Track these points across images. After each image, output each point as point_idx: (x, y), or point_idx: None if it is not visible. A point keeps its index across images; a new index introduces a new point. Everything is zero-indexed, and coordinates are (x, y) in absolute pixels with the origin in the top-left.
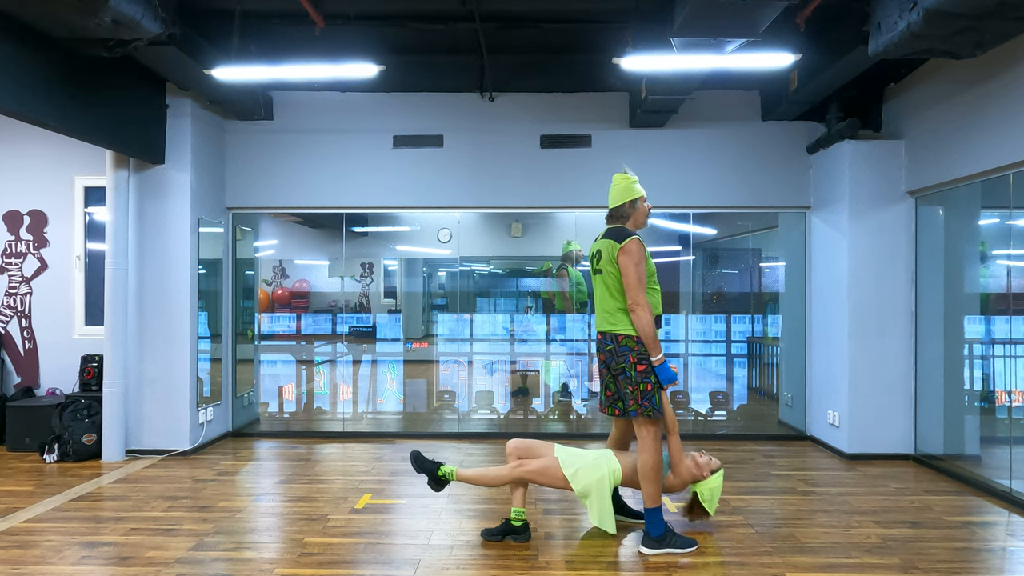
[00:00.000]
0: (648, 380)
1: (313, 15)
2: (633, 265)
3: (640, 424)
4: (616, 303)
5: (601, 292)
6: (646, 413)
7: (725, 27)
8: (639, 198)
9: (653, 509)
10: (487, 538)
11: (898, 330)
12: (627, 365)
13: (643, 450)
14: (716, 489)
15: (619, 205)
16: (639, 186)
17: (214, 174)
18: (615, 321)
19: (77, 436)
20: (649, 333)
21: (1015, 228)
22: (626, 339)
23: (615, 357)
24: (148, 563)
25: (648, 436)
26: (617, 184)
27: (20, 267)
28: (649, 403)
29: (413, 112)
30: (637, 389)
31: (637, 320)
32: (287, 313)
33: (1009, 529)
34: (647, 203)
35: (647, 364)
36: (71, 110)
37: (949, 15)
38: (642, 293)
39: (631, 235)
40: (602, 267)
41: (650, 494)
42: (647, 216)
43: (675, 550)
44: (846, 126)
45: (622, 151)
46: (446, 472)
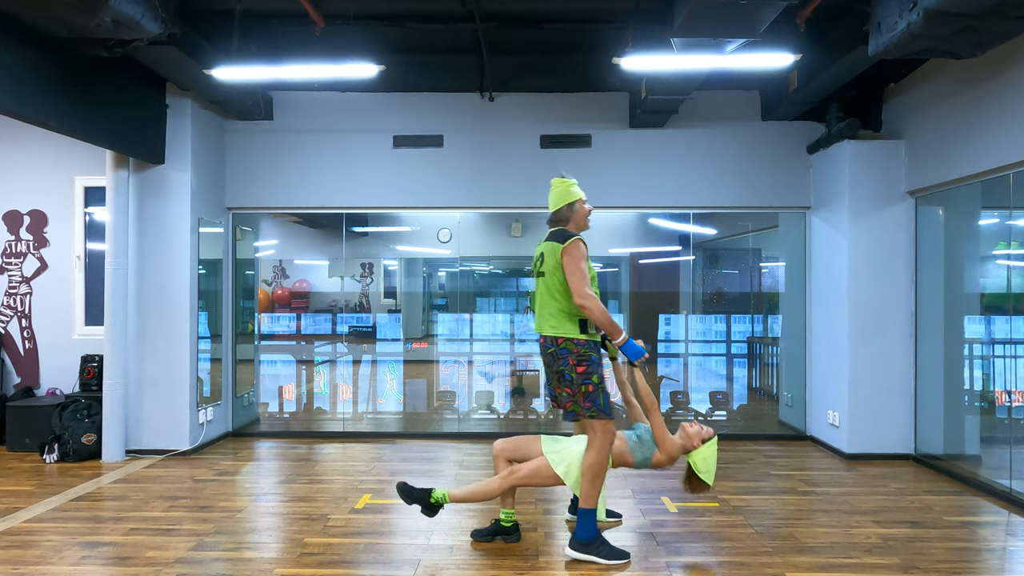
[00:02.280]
0: (589, 381)
1: (313, 15)
2: (576, 262)
3: (588, 424)
4: (558, 305)
5: (543, 295)
6: (589, 414)
7: (725, 27)
8: (577, 200)
9: (587, 511)
10: (477, 539)
11: (898, 330)
12: (567, 368)
13: (590, 447)
14: (710, 458)
15: (558, 208)
16: (577, 188)
17: (214, 174)
18: (556, 324)
19: (77, 436)
20: (604, 318)
21: (1015, 228)
22: (566, 342)
23: (556, 360)
24: (148, 563)
25: (596, 435)
26: (555, 188)
27: (20, 267)
28: (593, 404)
29: (413, 112)
30: (578, 391)
31: (589, 312)
32: (287, 313)
33: (1009, 529)
34: (587, 205)
35: (587, 366)
36: (71, 110)
37: (949, 15)
38: (586, 285)
39: (573, 236)
40: (545, 270)
41: (587, 494)
42: (587, 217)
43: (600, 560)
44: (846, 126)
45: (622, 151)
46: (438, 497)
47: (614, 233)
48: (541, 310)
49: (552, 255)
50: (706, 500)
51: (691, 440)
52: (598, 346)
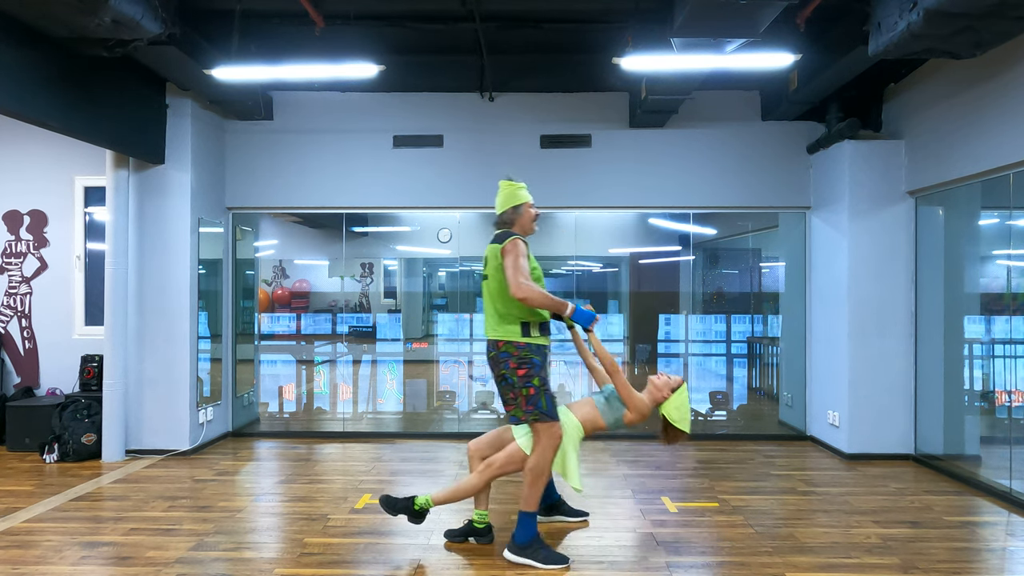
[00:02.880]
0: (530, 384)
1: (313, 15)
2: (512, 258)
3: (532, 427)
4: (499, 308)
5: (487, 298)
6: (532, 417)
7: (725, 27)
8: (523, 204)
9: (527, 513)
10: (450, 539)
11: (898, 330)
12: (508, 371)
13: (533, 450)
14: (683, 406)
15: (503, 211)
16: (525, 192)
17: (214, 174)
18: (497, 327)
19: (77, 436)
20: (545, 300)
21: (1015, 228)
22: (506, 345)
23: (497, 364)
24: (148, 563)
25: (540, 438)
26: (502, 190)
27: (20, 267)
28: (535, 407)
29: (413, 112)
30: (520, 395)
31: (528, 300)
32: (287, 313)
33: (1009, 529)
34: (533, 208)
35: (528, 368)
36: (71, 110)
37: (949, 15)
38: (520, 275)
39: (513, 236)
40: (488, 272)
41: (527, 497)
42: (533, 221)
43: (538, 564)
44: (846, 126)
45: (622, 151)
46: (421, 503)
47: (614, 233)
48: (486, 313)
49: (494, 257)
50: (706, 500)
51: (660, 392)
52: (541, 349)
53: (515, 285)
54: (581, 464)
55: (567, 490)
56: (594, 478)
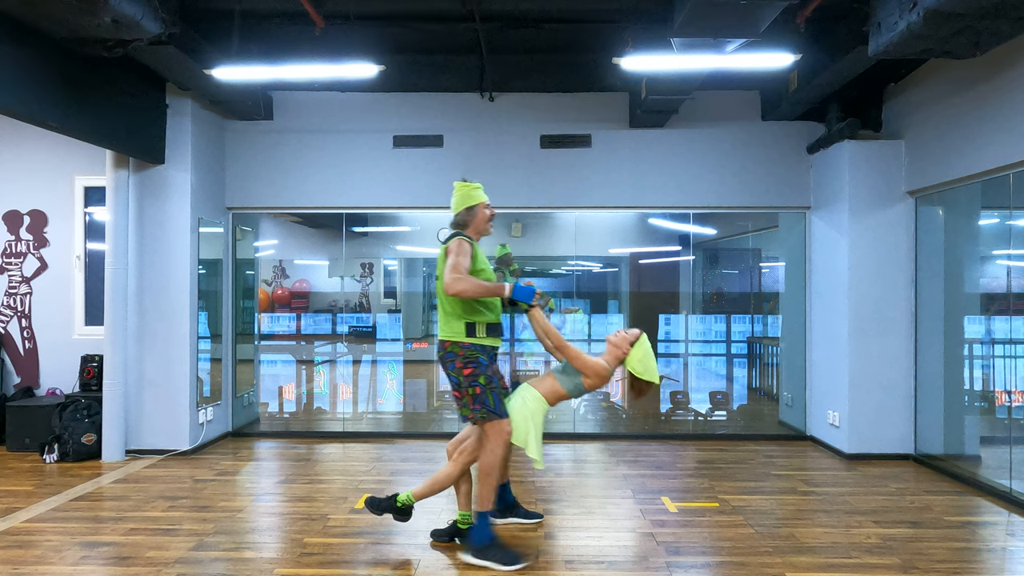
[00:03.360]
0: (476, 383)
1: (313, 15)
2: (451, 257)
3: (481, 426)
4: (447, 309)
5: (438, 299)
6: (480, 416)
7: (725, 27)
8: (476, 204)
9: (482, 514)
10: (436, 539)
11: (898, 330)
12: (453, 370)
13: (482, 450)
14: (645, 357)
15: (457, 212)
16: (480, 193)
17: (214, 174)
18: (444, 327)
19: (77, 436)
20: (480, 289)
21: (1015, 228)
22: (452, 345)
23: (444, 365)
24: (148, 563)
25: (488, 437)
26: (456, 191)
27: (20, 267)
28: (482, 406)
29: (413, 112)
30: (466, 394)
31: (463, 293)
32: (287, 313)
33: (1009, 529)
34: (488, 208)
35: (473, 368)
36: (71, 110)
37: (949, 15)
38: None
39: (456, 235)
40: (438, 273)
41: (480, 495)
42: (488, 221)
43: (497, 566)
44: (846, 126)
45: (622, 151)
46: (403, 500)
47: (614, 233)
48: (439, 313)
49: (441, 258)
50: (706, 500)
51: (619, 348)
52: (487, 349)
53: (446, 283)
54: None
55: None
56: (594, 478)
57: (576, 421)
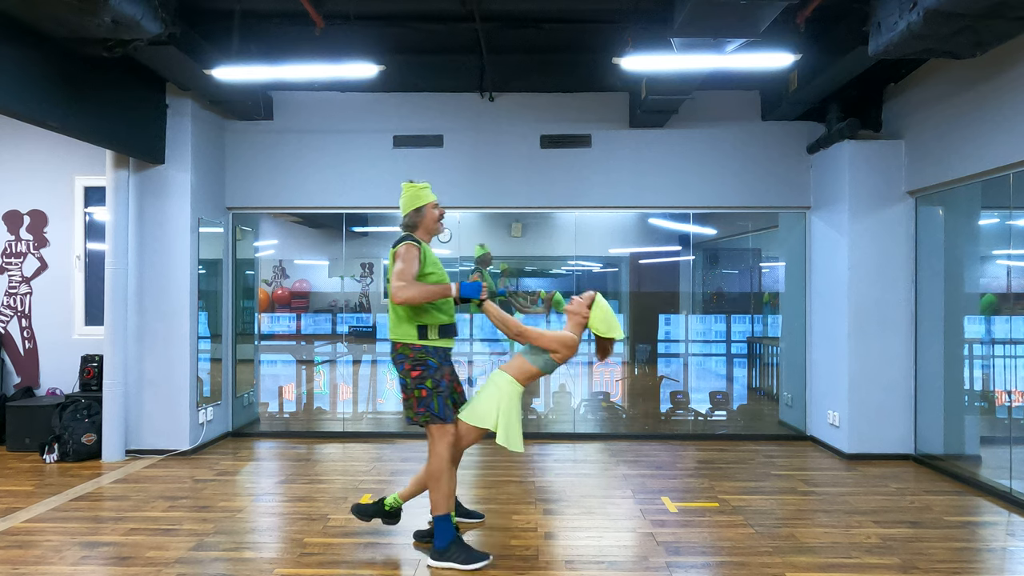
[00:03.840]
0: (423, 386)
1: (313, 15)
2: (397, 263)
3: (427, 430)
4: (397, 311)
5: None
6: (423, 419)
7: (725, 27)
8: (424, 205)
9: (439, 517)
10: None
11: (898, 330)
12: (402, 372)
13: (430, 454)
14: (606, 315)
15: (406, 213)
16: (428, 192)
17: (214, 174)
18: (395, 329)
19: (77, 436)
20: (427, 293)
21: (1015, 228)
22: (403, 347)
23: (394, 366)
24: (148, 563)
25: (434, 441)
26: (404, 192)
27: (20, 267)
28: (427, 409)
29: (413, 112)
30: (412, 396)
31: (410, 300)
32: (287, 313)
33: (1009, 529)
34: (437, 208)
35: (421, 370)
36: (71, 110)
37: (949, 15)
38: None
39: (405, 239)
40: (389, 275)
41: (435, 501)
42: (437, 221)
43: (460, 566)
44: (846, 126)
45: (622, 151)
46: (390, 503)
47: (614, 233)
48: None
49: (391, 260)
50: (706, 500)
51: (579, 314)
52: (439, 351)
53: (393, 292)
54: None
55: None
56: (594, 478)
57: (576, 421)
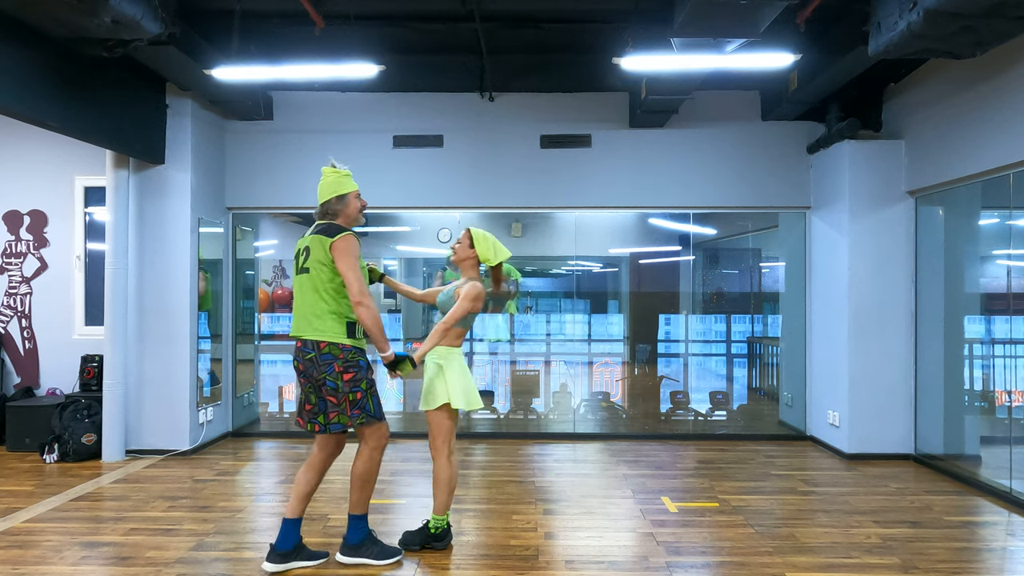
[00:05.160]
0: (358, 388)
1: (313, 15)
2: (350, 260)
3: (359, 432)
4: (325, 305)
5: (306, 293)
6: (359, 422)
7: (725, 27)
8: (349, 193)
9: (358, 516)
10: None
11: (898, 330)
12: (331, 375)
13: (359, 457)
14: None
15: (326, 200)
16: (351, 180)
17: (214, 174)
18: (320, 326)
19: (77, 436)
20: (376, 328)
21: (1015, 228)
22: (329, 347)
23: (316, 366)
24: (148, 563)
25: (367, 443)
26: (325, 177)
27: (20, 267)
28: (362, 411)
29: (413, 112)
30: (345, 400)
31: (364, 316)
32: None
33: (1009, 529)
34: (360, 199)
35: (355, 372)
36: (71, 110)
37: (949, 15)
38: (365, 288)
39: (344, 231)
40: (310, 265)
41: (356, 501)
42: (360, 211)
43: (372, 561)
44: (846, 126)
45: (622, 151)
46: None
47: (614, 233)
48: (301, 310)
49: (321, 249)
50: (706, 500)
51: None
52: (363, 351)
53: (359, 292)
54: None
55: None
56: (594, 478)
57: (576, 421)
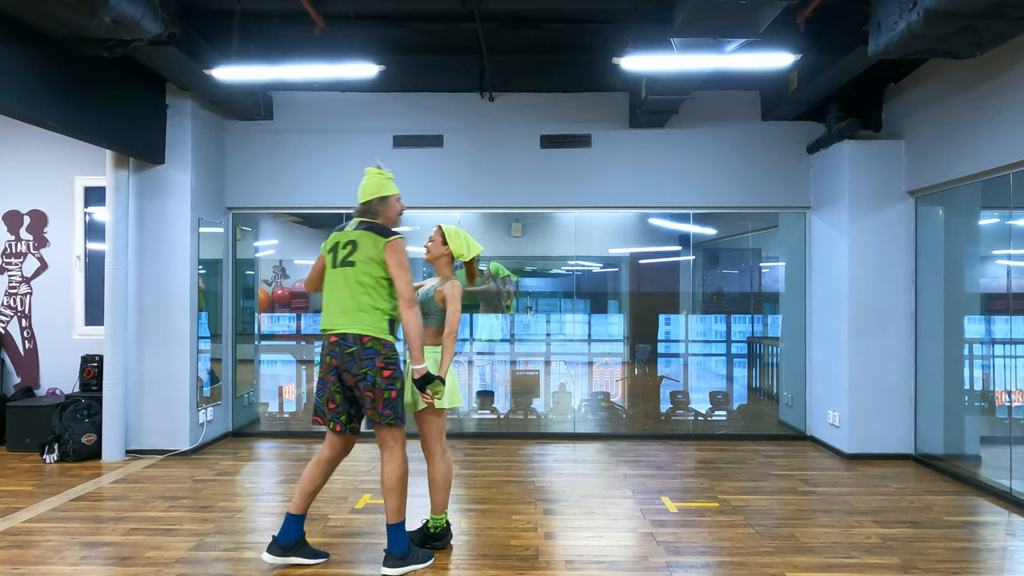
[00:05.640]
0: (393, 387)
1: (313, 15)
2: (403, 263)
3: (385, 433)
4: (370, 300)
5: (350, 287)
6: (388, 422)
7: (725, 27)
8: (391, 196)
9: (397, 525)
10: None
11: (898, 330)
12: (371, 370)
13: (388, 461)
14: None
15: (368, 200)
16: (393, 184)
17: (214, 174)
18: (364, 320)
19: (77, 436)
20: (419, 337)
21: (1015, 228)
22: (373, 341)
23: (357, 361)
24: (148, 563)
25: (394, 445)
26: (370, 177)
27: (20, 267)
28: (392, 411)
29: (413, 112)
30: (380, 397)
31: (411, 321)
32: (287, 313)
33: (1009, 529)
34: (400, 202)
35: (394, 369)
36: (71, 110)
37: (949, 15)
38: (415, 293)
39: (395, 233)
40: (356, 259)
41: (394, 508)
42: (399, 215)
43: (417, 566)
44: (846, 126)
45: (622, 151)
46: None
47: (614, 233)
48: (340, 304)
49: (373, 247)
50: (706, 500)
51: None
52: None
53: (410, 300)
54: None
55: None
56: (594, 478)
57: (576, 421)
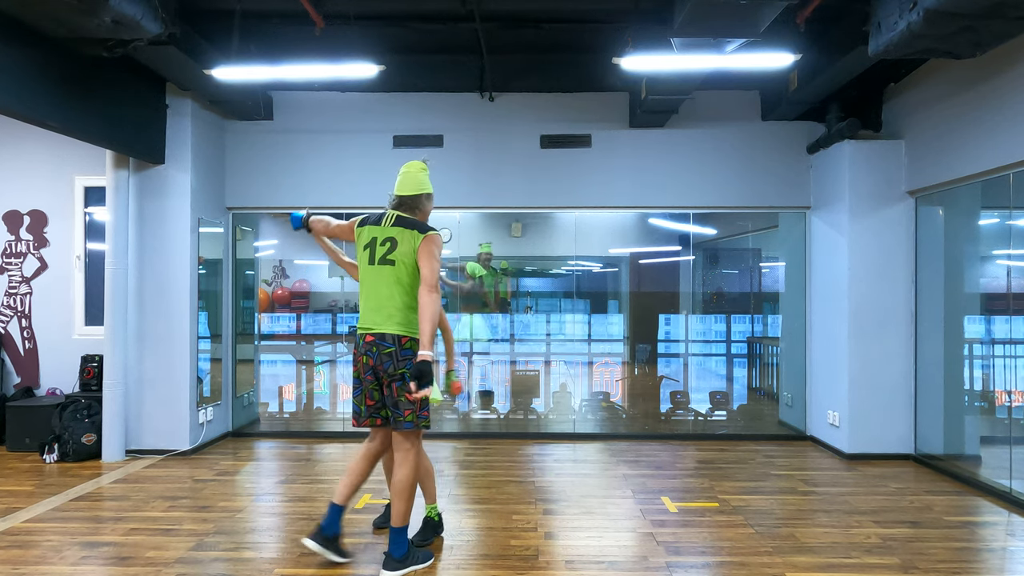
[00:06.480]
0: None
1: (313, 15)
2: (437, 257)
3: (406, 436)
4: (406, 299)
5: (387, 286)
6: (424, 425)
7: (725, 27)
8: (430, 193)
9: (401, 528)
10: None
11: (898, 330)
12: (408, 371)
13: (402, 464)
14: None
15: (411, 195)
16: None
17: (214, 174)
18: (403, 321)
19: (77, 436)
20: (432, 323)
21: (1015, 228)
22: (411, 342)
23: (395, 361)
24: (148, 563)
25: (412, 449)
26: (412, 172)
27: (20, 267)
28: (428, 415)
29: (413, 112)
30: (418, 399)
31: (428, 304)
32: (287, 313)
33: (1009, 529)
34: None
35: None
36: (71, 110)
37: (949, 15)
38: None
39: (433, 229)
40: (396, 258)
41: (401, 512)
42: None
43: (417, 567)
44: (846, 126)
45: (622, 151)
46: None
47: (614, 233)
48: (379, 303)
49: (412, 244)
50: (706, 500)
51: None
52: None
53: (432, 286)
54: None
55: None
56: (594, 478)
57: (576, 421)
